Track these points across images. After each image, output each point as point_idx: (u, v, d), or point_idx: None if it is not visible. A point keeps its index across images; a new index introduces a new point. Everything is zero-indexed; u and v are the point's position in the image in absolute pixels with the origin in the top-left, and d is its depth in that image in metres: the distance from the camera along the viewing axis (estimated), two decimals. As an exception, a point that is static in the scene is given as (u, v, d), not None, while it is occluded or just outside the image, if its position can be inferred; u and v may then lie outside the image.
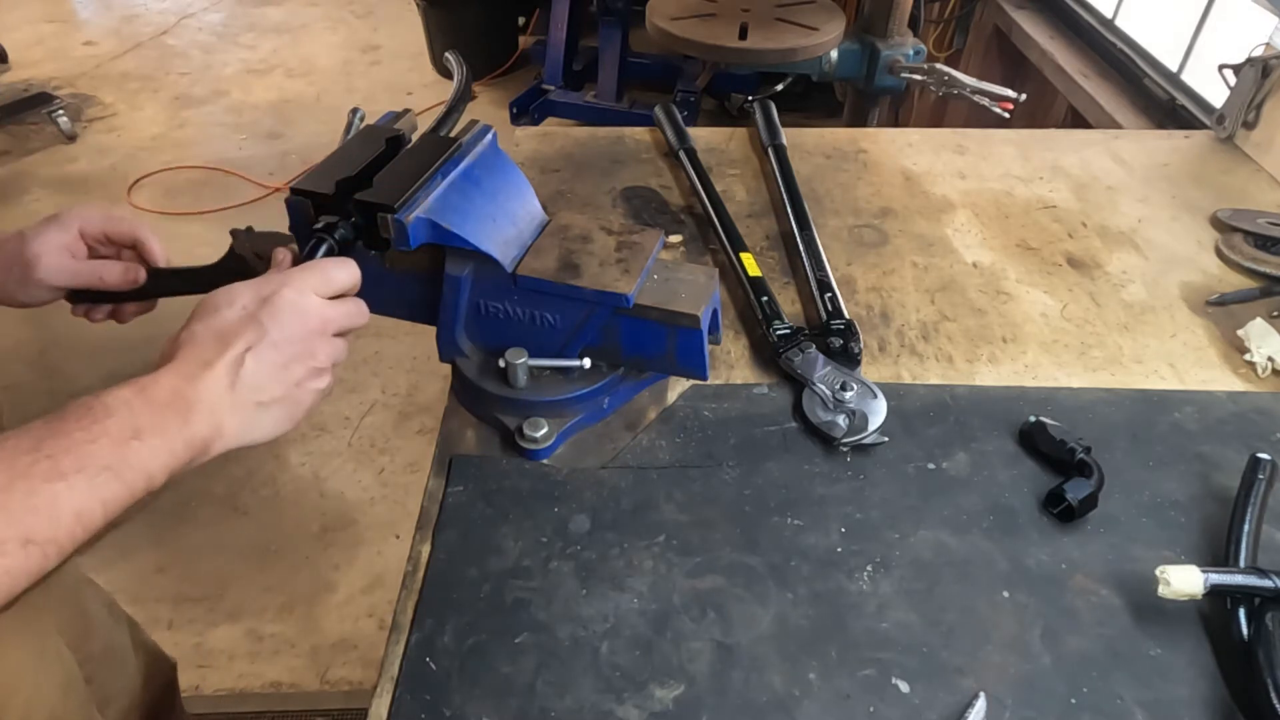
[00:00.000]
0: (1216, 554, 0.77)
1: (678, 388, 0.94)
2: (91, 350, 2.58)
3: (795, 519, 0.80)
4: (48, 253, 0.83)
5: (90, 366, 2.58)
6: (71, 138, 3.76)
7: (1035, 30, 2.42)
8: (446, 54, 1.11)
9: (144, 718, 1.20)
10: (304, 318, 0.67)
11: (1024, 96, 1.92)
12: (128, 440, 0.56)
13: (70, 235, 0.85)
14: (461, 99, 1.03)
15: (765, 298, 1.01)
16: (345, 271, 0.72)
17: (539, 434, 0.85)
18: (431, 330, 0.90)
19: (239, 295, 0.67)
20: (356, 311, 0.73)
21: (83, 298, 0.90)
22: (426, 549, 0.78)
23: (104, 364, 2.49)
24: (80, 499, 0.53)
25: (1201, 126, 1.68)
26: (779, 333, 0.96)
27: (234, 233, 0.88)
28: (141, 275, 0.87)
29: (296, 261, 0.74)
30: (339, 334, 0.72)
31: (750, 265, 1.06)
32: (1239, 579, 0.70)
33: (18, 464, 0.52)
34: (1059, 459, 0.84)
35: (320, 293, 0.69)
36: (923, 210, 1.25)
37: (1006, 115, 1.94)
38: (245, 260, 0.87)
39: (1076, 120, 2.19)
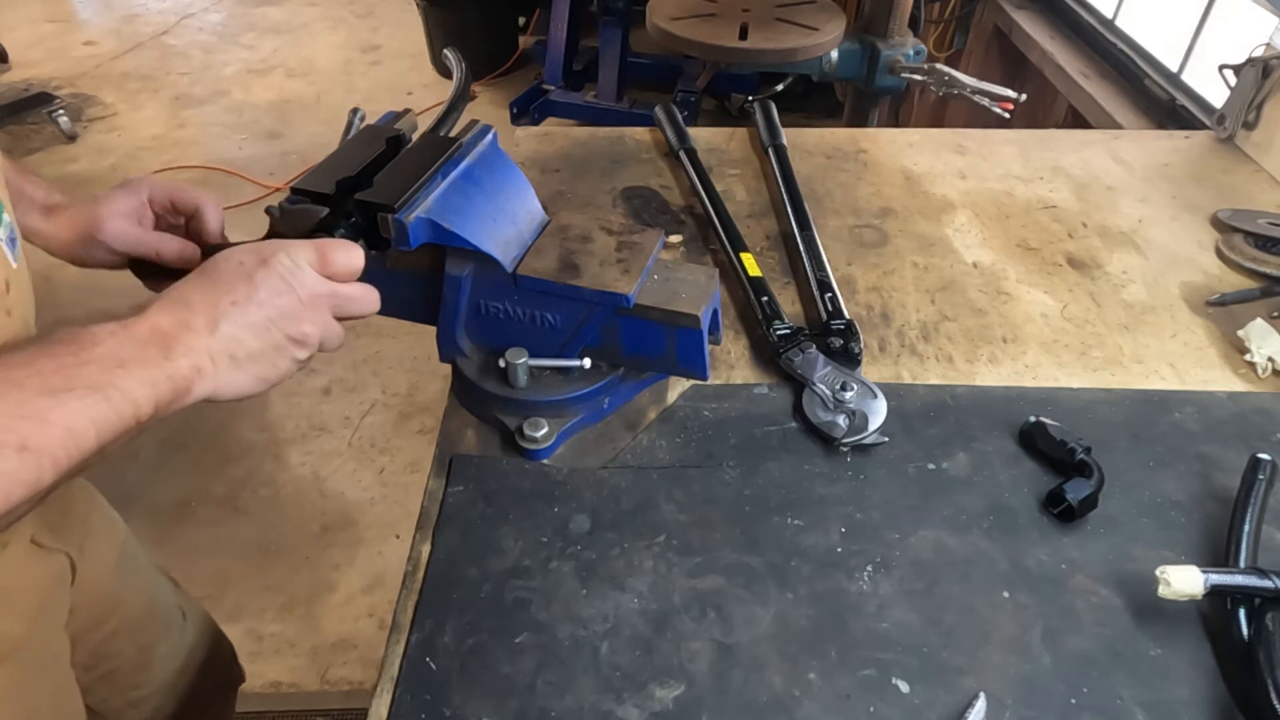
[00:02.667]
0: (1216, 554, 0.77)
1: (678, 388, 0.94)
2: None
3: (795, 519, 0.80)
4: (114, 216, 0.85)
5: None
6: (71, 138, 3.76)
7: (1035, 30, 2.42)
8: (445, 51, 1.11)
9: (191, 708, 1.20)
10: (293, 286, 0.67)
11: (1024, 96, 1.91)
12: (113, 368, 0.57)
13: (139, 200, 0.87)
14: (461, 97, 1.03)
15: (765, 298, 1.01)
16: (345, 254, 0.71)
17: (539, 434, 0.85)
18: (431, 330, 0.90)
19: (240, 253, 0.68)
20: (360, 296, 0.72)
21: (144, 269, 0.89)
22: (426, 549, 0.78)
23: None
24: (71, 416, 0.54)
25: (1202, 126, 1.68)
26: (779, 333, 0.96)
27: (269, 211, 0.87)
28: (197, 256, 0.86)
29: None
30: (338, 316, 0.71)
31: (750, 265, 1.06)
32: (1239, 579, 0.70)
33: (12, 376, 0.53)
34: (1059, 459, 0.84)
35: (316, 267, 0.69)
36: (923, 210, 1.25)
37: (1006, 115, 1.94)
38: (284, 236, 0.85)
39: (1076, 120, 2.19)
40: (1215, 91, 1.74)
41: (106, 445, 0.57)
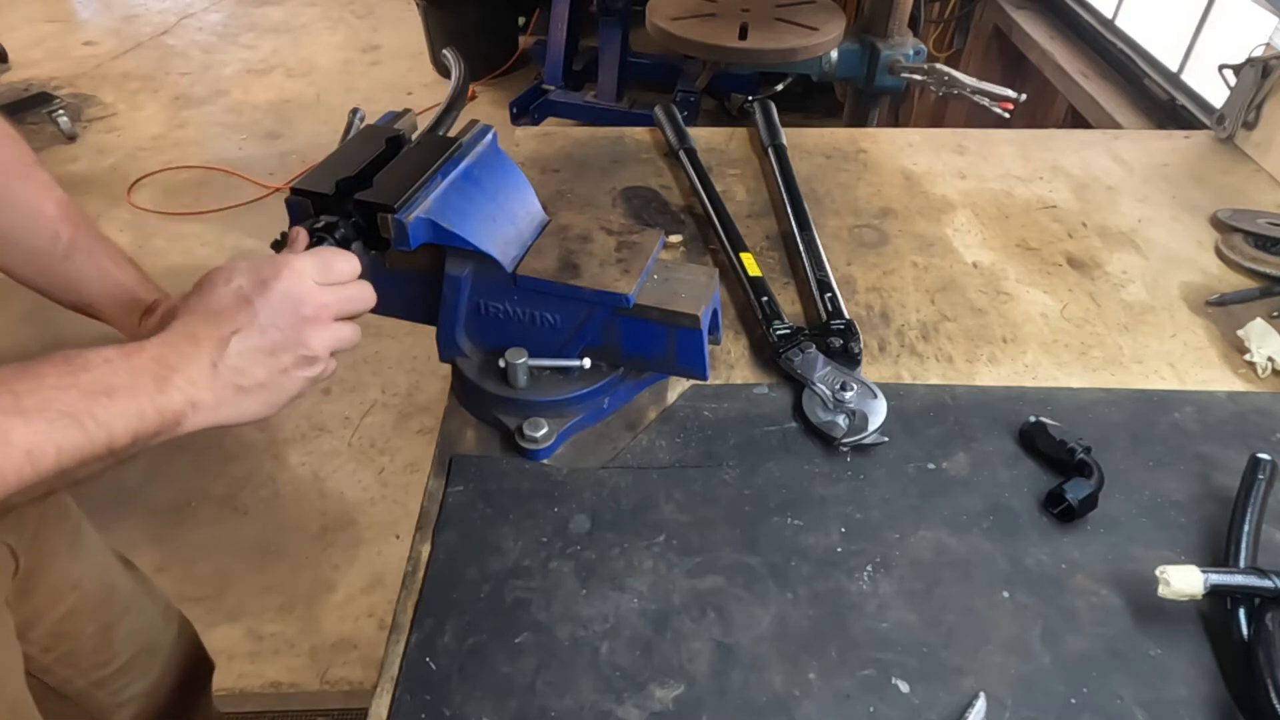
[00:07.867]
0: (1216, 554, 0.77)
1: (678, 388, 0.94)
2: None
3: (795, 519, 0.80)
4: None
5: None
6: (71, 138, 3.76)
7: (1035, 30, 2.42)
8: (444, 51, 1.11)
9: (171, 712, 1.21)
10: (297, 305, 0.67)
11: (1024, 96, 1.91)
12: (97, 395, 0.57)
13: None
14: (459, 96, 1.03)
15: (765, 298, 1.01)
16: (347, 262, 0.72)
17: (539, 434, 0.85)
18: (431, 330, 0.90)
19: (237, 274, 0.67)
20: (360, 295, 0.73)
21: None
22: (426, 549, 0.78)
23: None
24: (35, 438, 0.54)
25: (1201, 126, 1.68)
26: (779, 333, 0.96)
27: (287, 201, 0.81)
28: None
29: None
30: (343, 318, 0.72)
31: (750, 265, 1.06)
32: (1239, 579, 0.70)
33: None
34: (1059, 459, 0.84)
35: (319, 280, 0.69)
36: (923, 210, 1.25)
37: (1006, 115, 1.94)
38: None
39: (1076, 120, 2.19)
40: (1215, 91, 1.74)
41: (69, 470, 0.57)
